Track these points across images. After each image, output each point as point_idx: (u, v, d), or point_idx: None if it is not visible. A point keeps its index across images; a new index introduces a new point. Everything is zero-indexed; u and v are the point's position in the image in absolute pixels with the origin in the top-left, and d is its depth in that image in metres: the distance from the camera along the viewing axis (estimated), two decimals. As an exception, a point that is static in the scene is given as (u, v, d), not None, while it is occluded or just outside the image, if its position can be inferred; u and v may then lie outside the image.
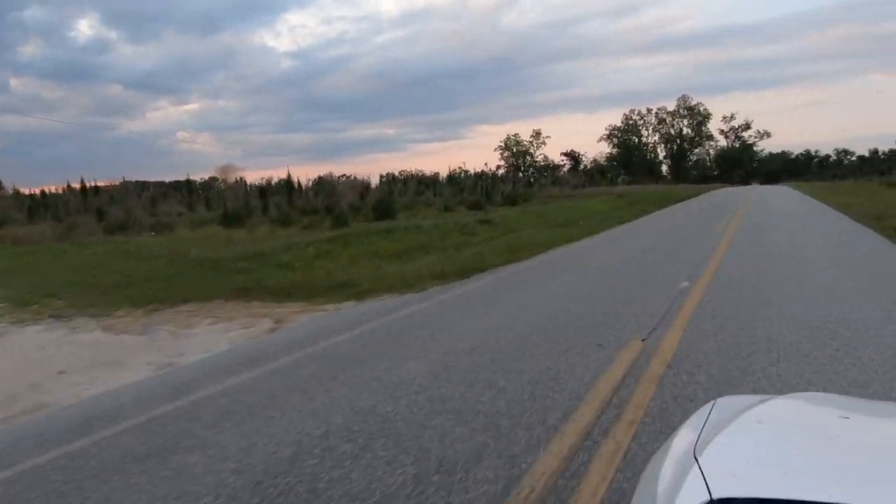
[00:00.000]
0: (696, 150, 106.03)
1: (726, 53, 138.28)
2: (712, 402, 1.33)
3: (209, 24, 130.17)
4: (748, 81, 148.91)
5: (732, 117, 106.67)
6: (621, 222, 18.97)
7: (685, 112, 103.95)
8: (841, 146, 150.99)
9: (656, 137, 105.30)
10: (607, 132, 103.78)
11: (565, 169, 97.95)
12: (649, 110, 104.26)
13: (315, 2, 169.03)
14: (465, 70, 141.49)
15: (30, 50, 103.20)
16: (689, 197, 38.88)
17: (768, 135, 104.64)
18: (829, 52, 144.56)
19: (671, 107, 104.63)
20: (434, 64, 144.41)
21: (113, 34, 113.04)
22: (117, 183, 36.70)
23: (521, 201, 34.50)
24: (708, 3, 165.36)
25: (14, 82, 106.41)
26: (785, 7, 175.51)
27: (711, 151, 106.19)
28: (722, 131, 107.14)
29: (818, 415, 1.25)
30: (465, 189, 42.02)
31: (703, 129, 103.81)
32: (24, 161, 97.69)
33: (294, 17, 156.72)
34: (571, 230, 16.00)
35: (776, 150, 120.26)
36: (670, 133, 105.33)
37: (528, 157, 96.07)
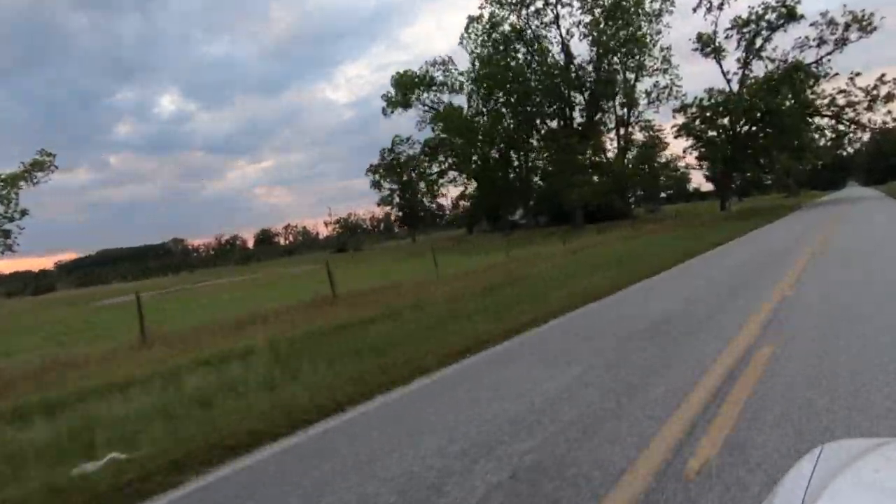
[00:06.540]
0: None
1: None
2: (819, 447, 1.15)
3: (273, 84, 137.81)
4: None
5: None
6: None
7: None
8: None
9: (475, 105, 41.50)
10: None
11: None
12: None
13: (367, 51, 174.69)
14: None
15: (124, 129, 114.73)
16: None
17: (869, 26, 34.20)
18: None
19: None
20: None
21: (192, 105, 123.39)
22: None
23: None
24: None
25: (113, 159, 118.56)
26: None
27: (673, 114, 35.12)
28: (706, 41, 36.73)
29: None
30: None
31: (636, 50, 37.19)
32: (129, 224, 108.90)
33: (350, 69, 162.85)
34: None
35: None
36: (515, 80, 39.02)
37: None
